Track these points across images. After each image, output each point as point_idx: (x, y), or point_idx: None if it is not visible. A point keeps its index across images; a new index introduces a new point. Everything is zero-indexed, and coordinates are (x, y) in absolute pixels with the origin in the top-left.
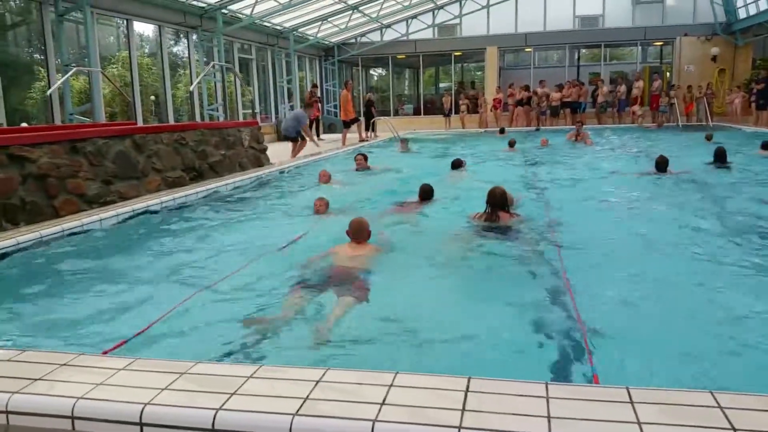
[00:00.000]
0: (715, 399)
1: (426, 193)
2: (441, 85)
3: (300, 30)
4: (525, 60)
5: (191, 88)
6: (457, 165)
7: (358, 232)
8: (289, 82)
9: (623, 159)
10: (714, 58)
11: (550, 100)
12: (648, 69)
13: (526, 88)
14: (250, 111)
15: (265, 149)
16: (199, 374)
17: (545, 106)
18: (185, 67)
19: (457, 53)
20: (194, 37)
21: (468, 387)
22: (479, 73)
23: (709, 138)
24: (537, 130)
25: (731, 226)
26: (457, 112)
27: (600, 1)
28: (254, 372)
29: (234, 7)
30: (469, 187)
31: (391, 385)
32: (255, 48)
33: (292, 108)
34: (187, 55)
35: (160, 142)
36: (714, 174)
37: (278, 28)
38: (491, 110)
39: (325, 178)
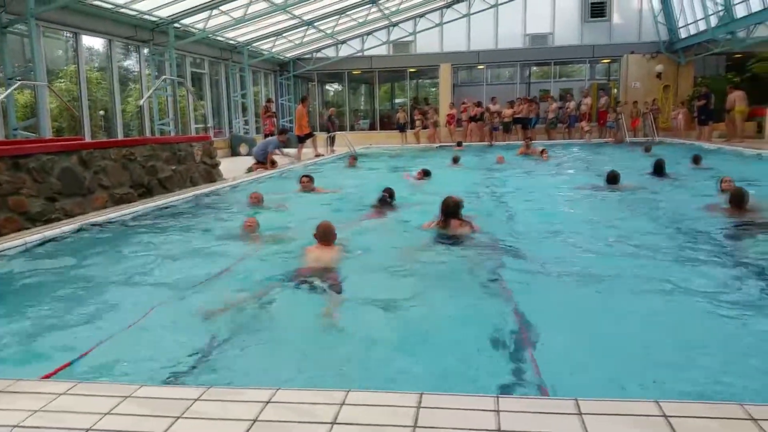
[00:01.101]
0: (660, 408)
1: (389, 197)
2: (396, 100)
3: (254, 45)
4: (478, 77)
5: (141, 103)
6: (425, 174)
7: (325, 235)
8: (243, 96)
9: (577, 173)
10: (659, 75)
11: (502, 116)
12: (596, 86)
13: (479, 104)
14: (202, 125)
15: (217, 164)
16: (144, 397)
17: (498, 122)
18: (136, 81)
19: (411, 69)
20: (145, 51)
21: (420, 402)
22: (434, 89)
23: (647, 149)
24: (490, 145)
25: (671, 235)
26: (412, 128)
27: (549, 20)
28: (202, 394)
29: (186, 21)
30: (425, 199)
31: (343, 404)
32: (208, 62)
33: (246, 123)
34: (137, 69)
35: (108, 157)
36: (655, 185)
37: (232, 42)
38: (446, 125)
39: (256, 200)
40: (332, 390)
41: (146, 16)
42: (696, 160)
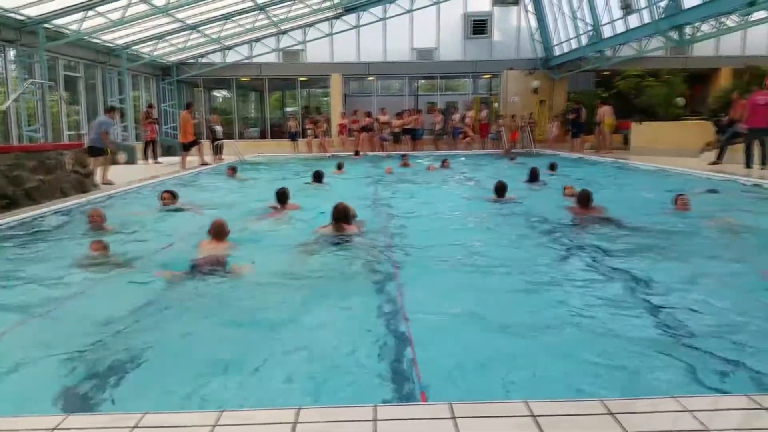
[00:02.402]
0: (529, 407)
1: (282, 196)
2: (288, 109)
3: (134, 48)
4: (368, 88)
5: (3, 107)
6: (317, 177)
7: (219, 232)
8: (121, 101)
9: (464, 184)
10: (535, 90)
11: (392, 126)
12: (478, 99)
13: (368, 114)
14: (75, 132)
15: (90, 173)
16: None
17: (388, 133)
18: (2, 85)
19: (302, 78)
20: (11, 52)
21: (297, 418)
22: (326, 98)
23: (512, 159)
24: (356, 154)
25: (544, 238)
26: (304, 137)
27: (434, 35)
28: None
29: (59, 21)
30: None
31: (216, 425)
32: (83, 65)
33: (125, 129)
34: (2, 71)
35: None
36: (531, 192)
37: (109, 45)
38: (338, 135)
39: (97, 221)
40: (204, 412)
41: (12, 15)
42: (552, 167)
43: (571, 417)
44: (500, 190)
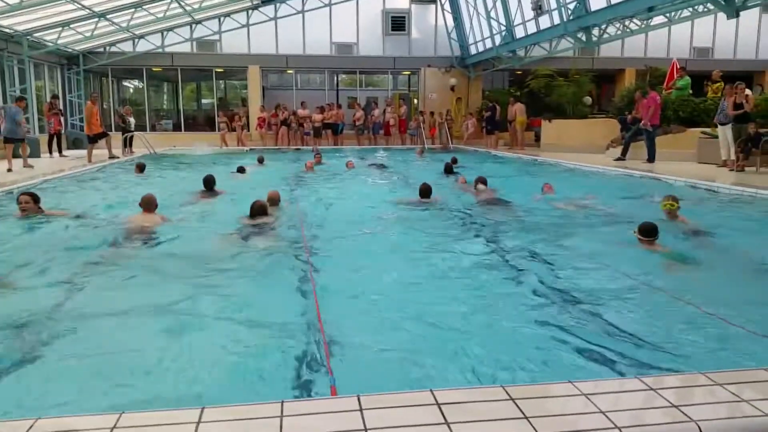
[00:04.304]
0: (434, 396)
1: (208, 183)
2: (204, 101)
3: (36, 35)
4: (288, 81)
5: None
6: (241, 170)
7: (148, 204)
8: (23, 92)
9: (385, 178)
10: (452, 88)
11: (312, 121)
12: (398, 95)
13: (285, 108)
14: None
15: None
16: None
17: (308, 127)
18: None
19: (218, 69)
20: None
21: (201, 417)
22: (244, 90)
23: (453, 161)
24: (248, 150)
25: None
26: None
27: (354, 30)
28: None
29: None
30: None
31: (115, 427)
32: None
33: (27, 121)
34: None
35: None
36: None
37: (8, 31)
38: (256, 129)
39: None
40: (102, 414)
41: None
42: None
43: (474, 404)
44: (425, 192)
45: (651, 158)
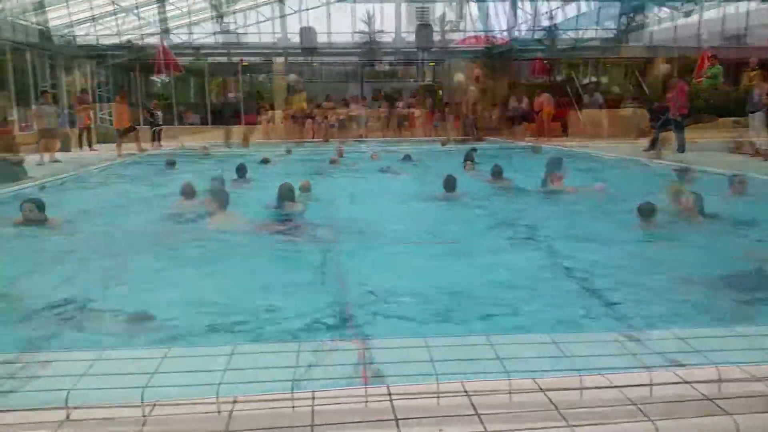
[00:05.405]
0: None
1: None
2: (230, 95)
3: (66, 30)
4: (314, 73)
5: None
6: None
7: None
8: (53, 87)
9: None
10: (477, 79)
11: (337, 113)
12: (423, 87)
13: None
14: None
15: (21, 161)
16: None
17: (333, 120)
18: None
19: (244, 63)
20: None
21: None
22: (270, 84)
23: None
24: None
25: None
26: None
27: (379, 21)
28: None
29: None
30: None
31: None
32: (8, 48)
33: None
34: None
35: None
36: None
37: (38, 27)
38: (282, 122)
39: None
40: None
41: None
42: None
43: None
44: (449, 184)
45: (681, 149)
